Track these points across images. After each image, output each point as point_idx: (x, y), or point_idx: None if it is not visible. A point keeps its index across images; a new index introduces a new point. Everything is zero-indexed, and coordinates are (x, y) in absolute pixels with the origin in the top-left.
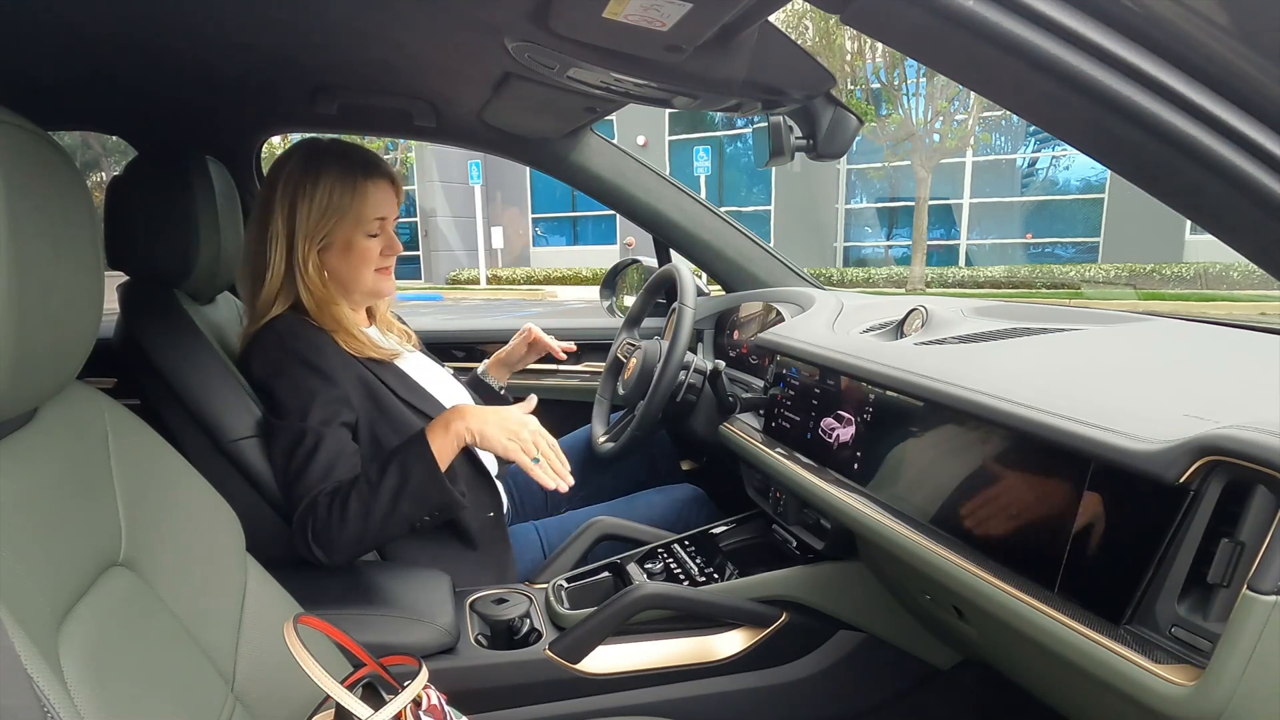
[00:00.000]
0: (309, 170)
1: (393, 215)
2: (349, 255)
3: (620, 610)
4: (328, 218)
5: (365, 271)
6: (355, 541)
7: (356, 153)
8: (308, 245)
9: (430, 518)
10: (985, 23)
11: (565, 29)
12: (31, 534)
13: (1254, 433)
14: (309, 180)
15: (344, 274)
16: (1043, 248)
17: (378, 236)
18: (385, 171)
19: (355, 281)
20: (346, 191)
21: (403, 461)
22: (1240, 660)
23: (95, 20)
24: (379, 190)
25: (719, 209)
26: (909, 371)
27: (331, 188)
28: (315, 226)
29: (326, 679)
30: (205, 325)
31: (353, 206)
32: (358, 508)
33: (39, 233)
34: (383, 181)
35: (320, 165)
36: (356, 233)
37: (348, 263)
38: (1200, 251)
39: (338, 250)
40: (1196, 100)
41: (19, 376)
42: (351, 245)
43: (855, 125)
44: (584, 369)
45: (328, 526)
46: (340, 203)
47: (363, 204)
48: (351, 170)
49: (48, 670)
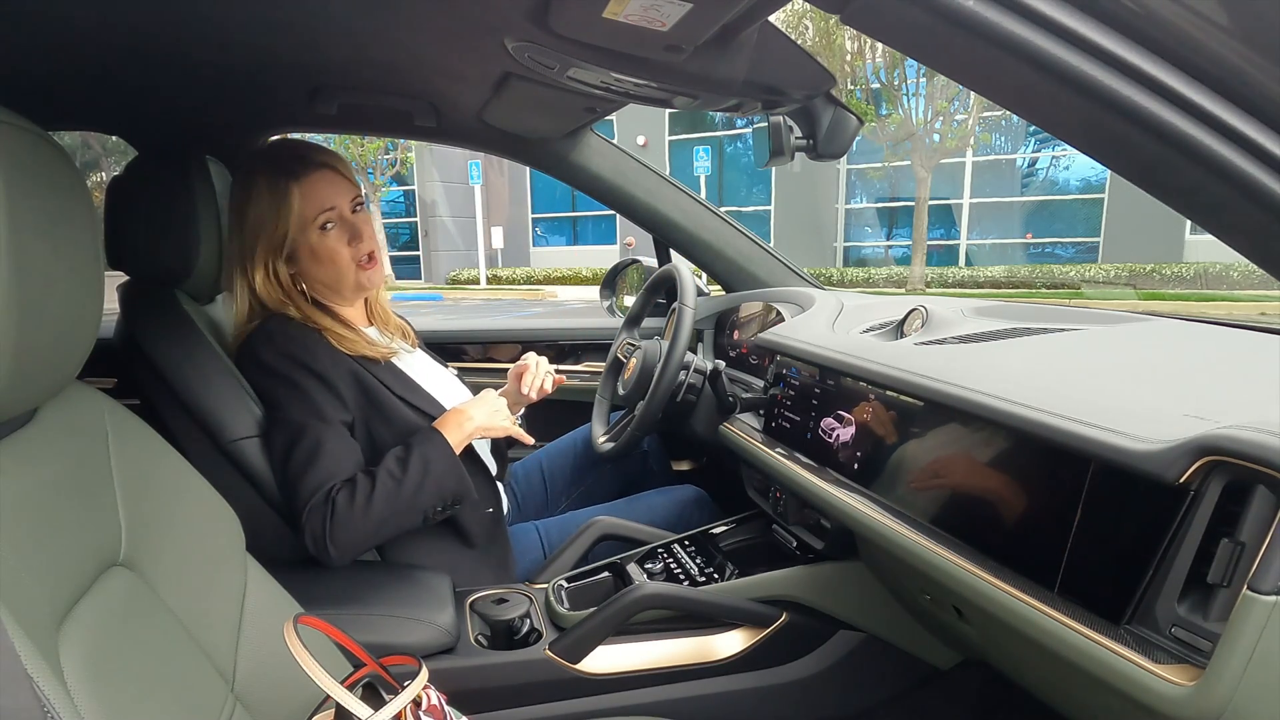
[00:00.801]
0: (242, 189)
1: (343, 201)
2: (317, 258)
3: (620, 610)
4: (266, 229)
5: (342, 269)
6: (371, 534)
7: (284, 153)
8: (259, 260)
9: (443, 508)
10: (985, 23)
11: (565, 29)
12: (31, 534)
13: (1254, 433)
14: (242, 199)
15: (324, 277)
16: (1043, 248)
17: (332, 228)
18: (316, 161)
19: (337, 280)
20: (275, 201)
21: (423, 453)
22: (1240, 660)
23: (95, 20)
24: (311, 185)
25: (719, 209)
26: (909, 371)
27: (260, 201)
28: (255, 239)
29: (326, 679)
30: (205, 325)
31: (285, 212)
32: (382, 497)
33: (39, 233)
34: (313, 174)
35: (250, 181)
36: (309, 233)
37: (320, 265)
38: (1200, 251)
39: (305, 257)
40: (1196, 100)
41: (19, 376)
42: (314, 248)
43: (855, 125)
44: (584, 369)
45: (348, 518)
46: (274, 212)
47: (297, 205)
48: (276, 177)
49: (48, 670)
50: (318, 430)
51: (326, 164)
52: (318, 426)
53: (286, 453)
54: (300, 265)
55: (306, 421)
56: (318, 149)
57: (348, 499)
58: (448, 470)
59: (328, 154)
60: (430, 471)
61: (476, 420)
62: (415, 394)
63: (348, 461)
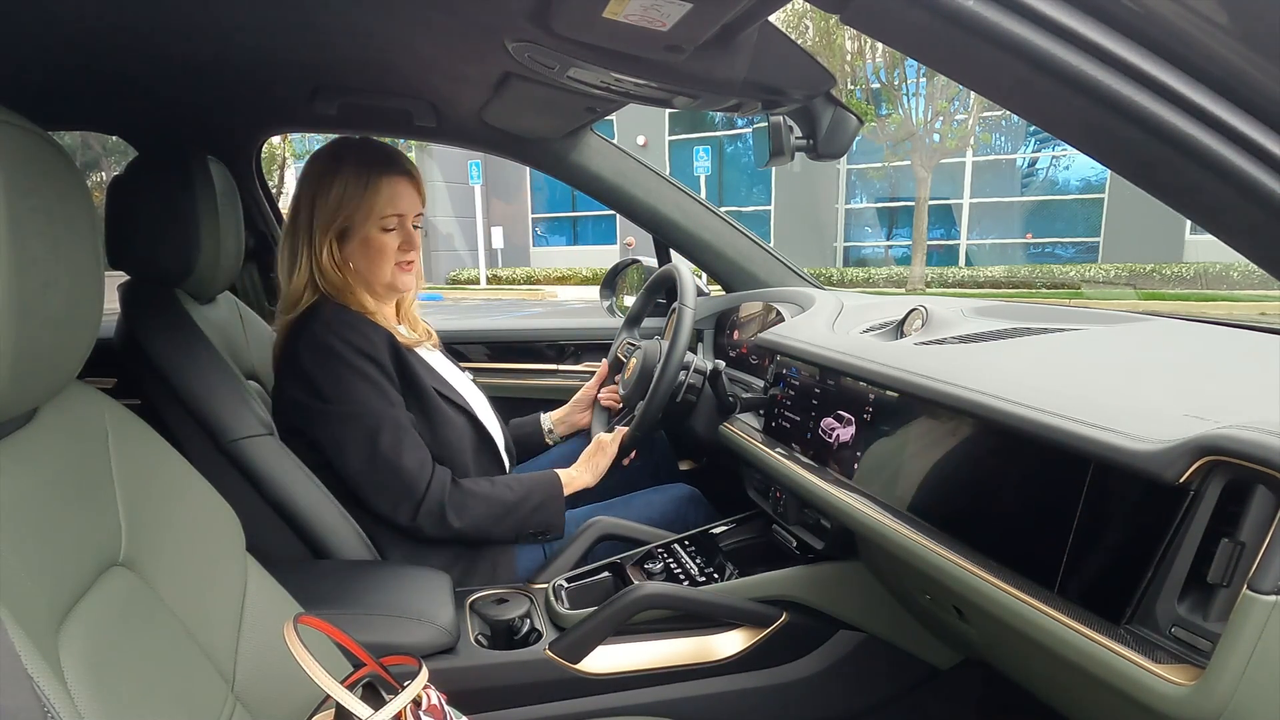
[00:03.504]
0: (329, 165)
1: (412, 212)
2: (366, 249)
3: (620, 610)
4: (342, 210)
5: (383, 266)
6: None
7: (377, 149)
8: (323, 236)
9: (533, 534)
10: (985, 23)
11: (565, 29)
12: (32, 534)
13: (1254, 433)
14: (328, 175)
15: (363, 267)
16: (1043, 248)
17: (394, 231)
18: (403, 168)
19: (374, 275)
20: (360, 185)
21: (538, 482)
22: (1240, 660)
23: (95, 20)
24: (394, 185)
25: (719, 209)
26: (909, 371)
27: (346, 181)
28: (330, 218)
29: (326, 679)
30: (206, 325)
31: (365, 200)
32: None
33: (39, 233)
34: (399, 177)
35: (339, 160)
36: (371, 226)
37: (365, 256)
38: (1200, 251)
39: (356, 244)
40: (1196, 100)
41: (19, 376)
42: (368, 240)
43: (855, 125)
44: (584, 369)
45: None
46: (353, 196)
47: (375, 198)
48: (367, 165)
49: (48, 670)
50: (395, 413)
51: (412, 174)
52: (394, 411)
53: (372, 438)
54: (346, 251)
55: (383, 406)
56: (409, 160)
57: (472, 486)
58: (553, 508)
59: (414, 167)
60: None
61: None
62: (442, 383)
63: (422, 448)
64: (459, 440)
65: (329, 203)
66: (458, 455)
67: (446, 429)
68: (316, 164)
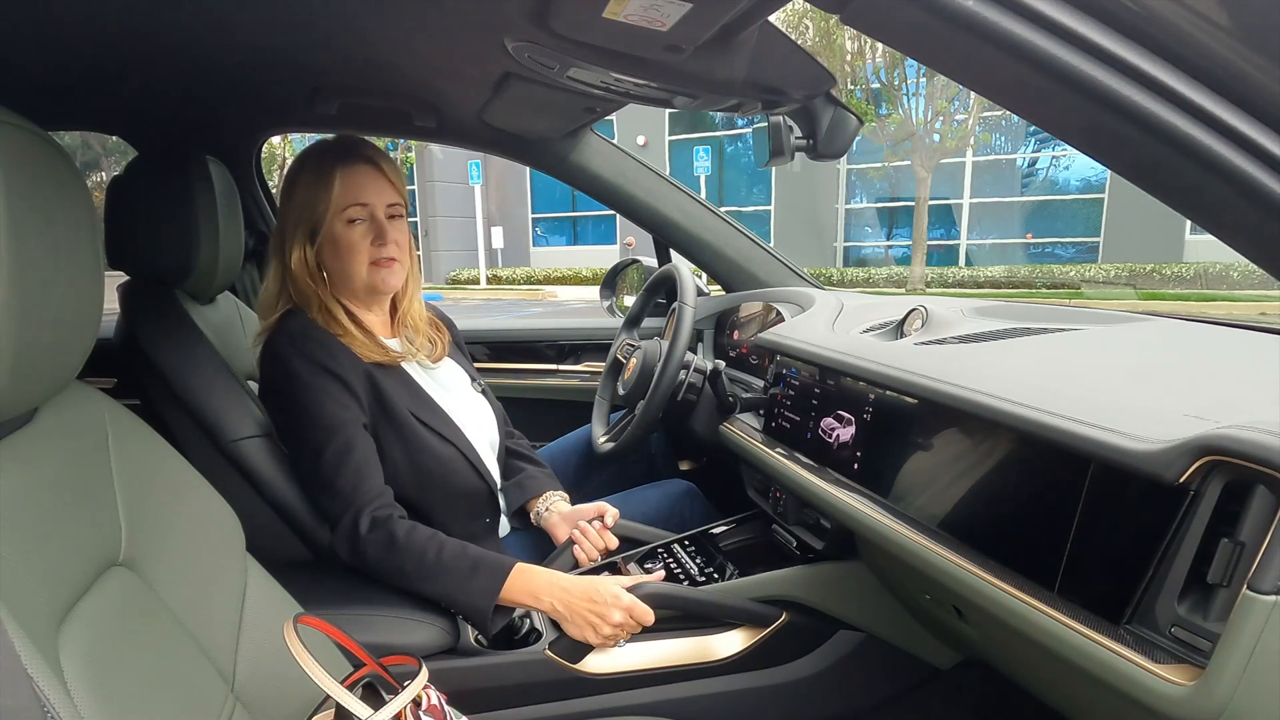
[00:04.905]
0: (293, 168)
1: (380, 202)
2: (335, 247)
3: None
4: (305, 209)
5: (354, 263)
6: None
7: (336, 143)
8: (293, 240)
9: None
10: (985, 23)
11: (565, 29)
12: (31, 534)
13: (1254, 433)
14: (291, 177)
15: (336, 269)
16: (1043, 248)
17: (359, 224)
18: (363, 156)
19: (349, 276)
20: (317, 180)
21: (479, 561)
22: (1240, 660)
23: (95, 20)
24: (351, 175)
25: (719, 209)
26: (909, 371)
27: (307, 180)
28: (296, 219)
29: (326, 679)
30: (205, 325)
31: (323, 194)
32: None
33: (39, 233)
34: (359, 166)
35: (302, 161)
36: (334, 221)
37: (335, 255)
38: (1200, 251)
39: (326, 244)
40: (1196, 100)
41: (19, 376)
42: (335, 236)
43: (855, 125)
44: (584, 369)
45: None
46: (313, 193)
47: (332, 190)
48: (323, 158)
49: (48, 670)
50: (347, 431)
51: (373, 161)
52: (347, 427)
53: (316, 452)
54: (322, 255)
55: (335, 423)
56: (373, 148)
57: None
58: (480, 597)
59: (380, 154)
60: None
61: (558, 597)
62: (425, 407)
63: (372, 468)
64: (440, 469)
65: (294, 204)
66: (437, 486)
67: (424, 457)
68: (288, 171)
